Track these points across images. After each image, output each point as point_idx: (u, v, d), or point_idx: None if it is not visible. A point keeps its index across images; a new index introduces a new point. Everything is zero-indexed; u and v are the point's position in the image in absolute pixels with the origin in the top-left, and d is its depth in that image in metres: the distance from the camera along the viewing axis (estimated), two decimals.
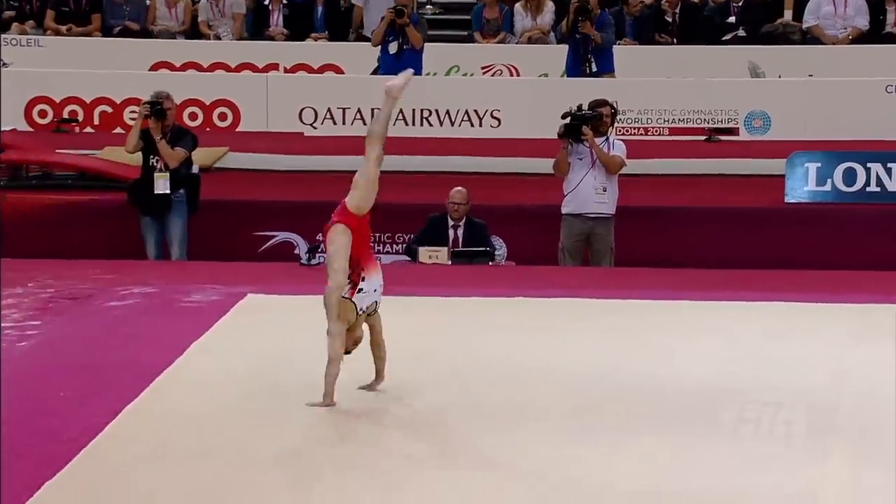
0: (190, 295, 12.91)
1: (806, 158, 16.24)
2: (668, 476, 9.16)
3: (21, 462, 9.21)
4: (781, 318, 12.48)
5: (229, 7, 20.72)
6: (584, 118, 14.86)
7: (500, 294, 13.14)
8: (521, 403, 10.40)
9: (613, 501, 8.75)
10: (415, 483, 9.01)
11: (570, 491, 8.93)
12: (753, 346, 11.74)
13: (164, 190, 14.83)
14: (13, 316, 12.32)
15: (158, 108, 14.86)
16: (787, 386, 10.81)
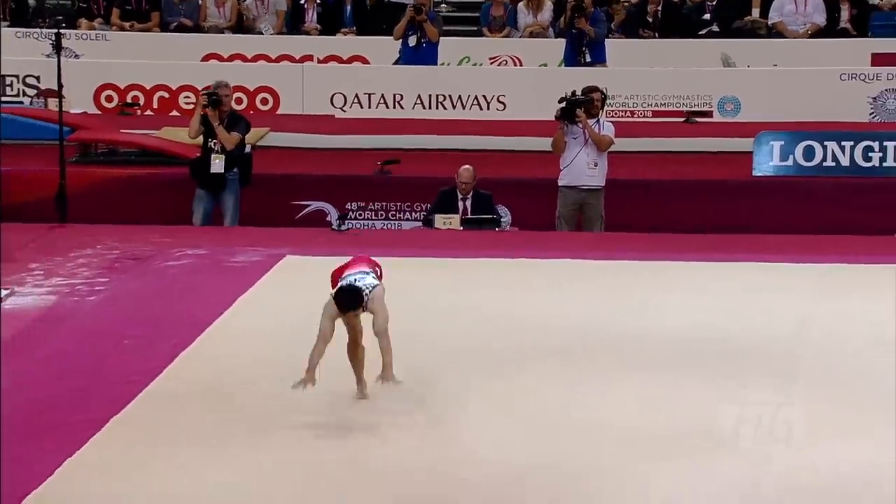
0: (235, 256, 12.90)
1: (771, 137, 16.19)
2: (653, 412, 9.15)
3: (91, 400, 9.22)
4: (750, 277, 12.44)
5: (272, 5, 20.72)
6: (578, 102, 14.83)
7: (505, 256, 13.11)
8: (524, 351, 10.39)
9: (607, 435, 8.73)
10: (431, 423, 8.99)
11: (568, 426, 8.92)
12: (727, 300, 11.70)
13: (219, 170, 14.79)
14: (84, 274, 12.32)
15: (215, 98, 14.85)
16: (757, 335, 10.78)
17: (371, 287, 8.95)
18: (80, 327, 10.89)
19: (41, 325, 10.88)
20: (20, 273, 12.18)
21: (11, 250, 12.92)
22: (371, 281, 9.01)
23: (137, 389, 9.42)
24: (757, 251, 13.18)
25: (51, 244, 13.31)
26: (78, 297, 11.64)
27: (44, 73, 18.29)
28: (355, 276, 9.01)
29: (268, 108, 18.87)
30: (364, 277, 9.02)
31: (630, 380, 9.74)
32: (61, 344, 10.49)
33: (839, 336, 10.79)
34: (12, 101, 18.47)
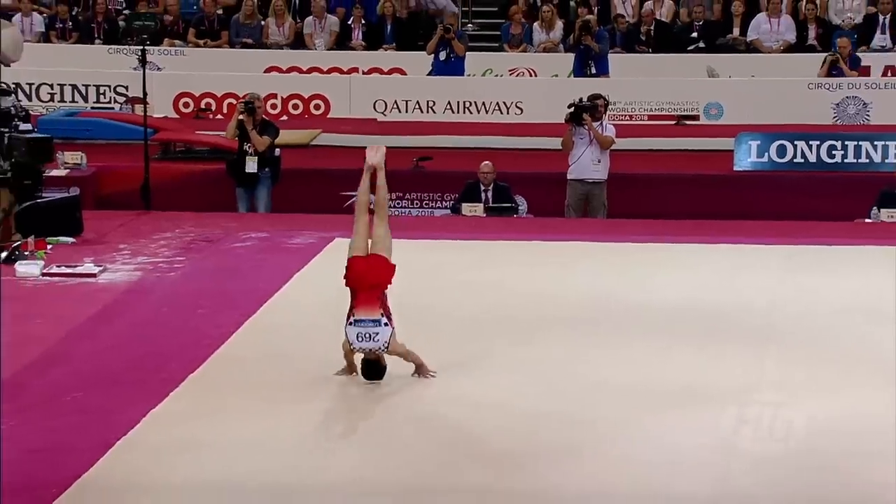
0: (292, 238, 12.87)
1: (749, 138, 16.11)
2: (649, 372, 9.11)
3: (170, 362, 9.21)
4: (732, 257, 12.36)
5: (328, 24, 20.71)
6: (585, 107, 14.77)
7: (522, 238, 13.04)
8: (538, 320, 10.34)
9: (611, 391, 8.69)
10: (458, 380, 8.95)
11: (576, 383, 8.88)
12: (712, 276, 11.64)
13: (253, 169, 14.69)
14: (164, 253, 12.31)
15: (251, 107, 14.75)
16: (737, 306, 10.72)
17: (385, 345, 8.44)
18: (160, 299, 10.88)
19: (128, 297, 10.89)
20: (111, 253, 12.19)
21: (103, 234, 12.94)
22: (383, 336, 8.43)
23: (210, 352, 9.41)
24: (737, 235, 13.10)
25: (136, 229, 13.31)
26: (159, 274, 11.64)
27: (131, 84, 18.30)
28: (368, 333, 8.40)
29: (320, 112, 18.85)
30: (376, 336, 8.41)
31: (629, 344, 9.69)
32: (145, 313, 10.49)
33: (807, 306, 10.72)
34: (105, 107, 18.50)
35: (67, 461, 7.45)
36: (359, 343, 8.43)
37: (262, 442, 7.84)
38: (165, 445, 7.78)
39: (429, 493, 7.23)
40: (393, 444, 7.90)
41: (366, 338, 8.41)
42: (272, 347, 9.56)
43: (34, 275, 11.33)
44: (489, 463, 7.58)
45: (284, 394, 8.46)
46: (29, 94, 18.50)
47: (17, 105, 13.53)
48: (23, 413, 8.21)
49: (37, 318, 10.21)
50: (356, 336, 8.42)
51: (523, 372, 9.09)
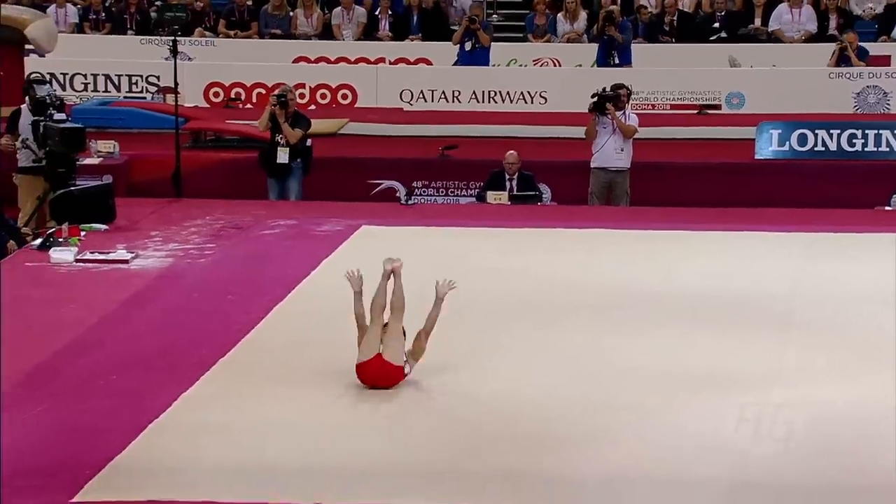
0: (320, 226, 12.87)
1: (770, 126, 16.01)
2: (671, 357, 9.09)
3: (201, 347, 9.24)
4: (753, 243, 12.32)
5: (356, 15, 20.70)
6: (608, 97, 14.71)
7: (545, 226, 13.02)
8: (562, 305, 10.33)
9: (634, 377, 8.68)
10: (482, 366, 8.95)
11: (599, 369, 8.86)
12: (734, 264, 11.60)
13: (284, 160, 14.62)
14: (195, 240, 12.33)
15: (283, 100, 14.66)
16: (758, 292, 10.68)
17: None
18: (191, 285, 10.90)
19: (160, 283, 10.91)
20: (143, 240, 12.22)
21: (136, 221, 12.97)
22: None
23: (239, 337, 9.42)
24: (758, 222, 13.05)
25: (168, 216, 13.34)
26: (190, 260, 11.66)
27: (163, 74, 18.33)
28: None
29: (347, 102, 18.85)
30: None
31: (652, 330, 9.66)
32: (176, 299, 10.52)
33: (828, 293, 10.67)
34: (137, 97, 18.53)
35: (101, 443, 7.48)
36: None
37: (292, 425, 7.86)
38: (196, 428, 7.80)
39: (453, 476, 7.22)
40: (418, 428, 7.90)
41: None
42: (300, 333, 9.57)
43: (68, 261, 11.37)
44: (513, 447, 7.57)
45: (313, 378, 8.47)
46: (63, 83, 18.55)
47: (52, 94, 13.59)
48: (57, 397, 8.24)
49: (70, 303, 10.25)
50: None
51: (547, 358, 9.08)
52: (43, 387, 8.40)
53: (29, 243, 12.06)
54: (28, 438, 7.55)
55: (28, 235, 12.48)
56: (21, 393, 8.27)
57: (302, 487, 7.00)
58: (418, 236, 12.51)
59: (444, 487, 7.05)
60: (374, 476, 7.21)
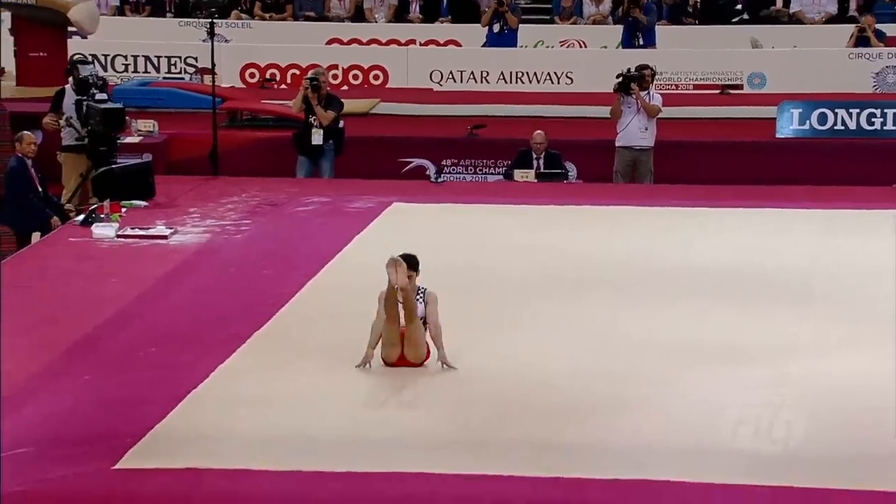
0: (353, 202, 12.90)
1: (791, 106, 15.94)
2: (692, 330, 9.09)
3: (237, 320, 9.29)
4: (773, 220, 12.29)
5: None
6: (633, 77, 14.68)
7: (571, 203, 13.02)
8: (587, 280, 10.34)
9: (655, 350, 8.68)
10: (507, 337, 8.97)
11: (621, 341, 8.87)
12: (755, 239, 11.58)
13: (318, 142, 14.56)
14: (231, 217, 12.38)
15: (316, 83, 14.60)
16: (778, 267, 10.66)
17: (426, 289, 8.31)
18: (227, 260, 10.96)
19: (198, 258, 10.97)
20: (181, 216, 12.28)
21: (174, 198, 13.04)
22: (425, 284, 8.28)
23: (274, 311, 9.47)
24: (778, 199, 13.01)
25: (205, 193, 13.39)
26: (227, 236, 11.71)
27: (200, 55, 18.37)
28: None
29: (379, 82, 18.84)
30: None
31: (673, 304, 9.66)
32: (213, 273, 10.57)
33: (846, 268, 10.64)
34: (176, 78, 18.59)
35: (141, 413, 7.55)
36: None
37: (325, 396, 7.91)
38: (233, 399, 7.86)
39: (480, 447, 7.25)
40: (446, 400, 7.94)
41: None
42: (334, 307, 9.61)
43: (109, 236, 11.44)
44: (536, 418, 7.61)
45: (345, 351, 8.50)
46: (104, 64, 18.62)
47: (94, 74, 13.66)
48: (100, 368, 8.32)
49: (112, 277, 10.32)
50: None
51: (570, 331, 9.09)
52: (85, 358, 8.48)
53: (72, 219, 12.15)
54: (71, 408, 7.64)
55: (71, 212, 12.57)
56: (65, 364, 8.35)
57: (335, 457, 7.05)
58: (447, 213, 12.54)
59: (472, 457, 7.09)
60: (405, 446, 7.26)
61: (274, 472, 6.87)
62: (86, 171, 13.21)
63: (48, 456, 6.97)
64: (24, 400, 7.65)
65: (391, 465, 6.94)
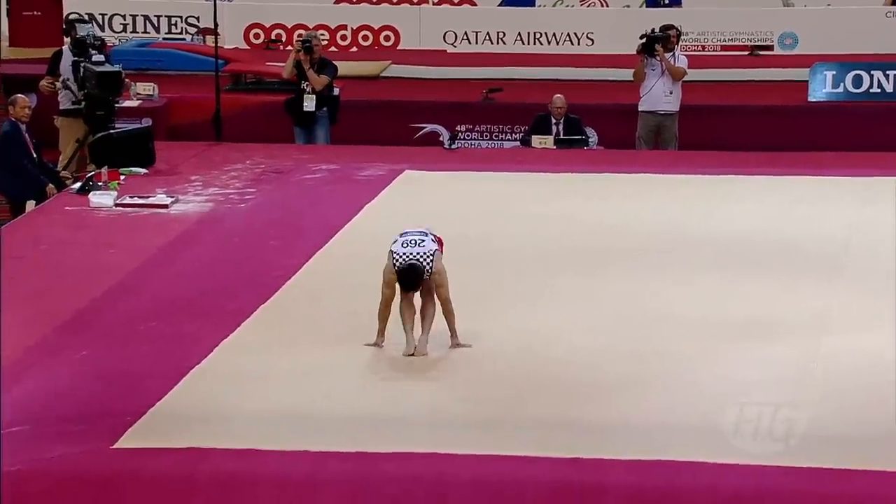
0: (363, 170, 12.91)
1: (825, 68, 15.89)
2: (718, 304, 9.11)
3: (242, 293, 9.32)
4: (804, 188, 12.28)
5: None
6: (657, 38, 14.63)
7: (592, 171, 13.02)
8: (608, 251, 10.35)
9: (679, 324, 8.70)
10: (525, 311, 8.99)
11: (644, 315, 8.90)
12: (784, 208, 11.57)
13: (310, 108, 14.42)
14: (235, 185, 12.41)
15: (308, 45, 14.47)
16: (808, 237, 10.66)
17: (430, 255, 8.14)
18: (232, 230, 10.99)
19: (200, 228, 11.00)
20: (183, 184, 12.30)
21: (175, 164, 13.06)
22: (430, 246, 8.17)
23: (281, 283, 9.50)
24: (810, 166, 12.99)
25: (208, 159, 13.41)
26: (230, 205, 11.74)
27: (202, 14, 18.31)
28: (414, 240, 8.19)
29: (390, 43, 18.80)
30: (423, 242, 8.18)
31: (698, 277, 9.67)
32: (216, 244, 10.61)
33: (882, 238, 10.61)
34: (176, 38, 18.58)
35: (141, 389, 7.60)
36: (403, 250, 8.10)
37: (335, 373, 7.94)
38: (237, 375, 7.90)
39: (496, 425, 7.29)
40: (461, 376, 7.97)
41: (411, 244, 8.14)
42: (343, 278, 9.64)
43: (107, 205, 11.48)
44: (556, 395, 7.64)
45: (355, 325, 8.53)
46: (102, 24, 18.60)
47: (92, 34, 13.65)
48: (98, 342, 8.37)
49: (110, 248, 10.37)
50: (401, 244, 8.13)
51: (590, 304, 9.11)
52: (83, 332, 8.52)
53: (68, 187, 12.19)
54: (69, 384, 7.68)
55: (67, 179, 12.61)
56: (61, 338, 8.40)
57: (344, 436, 7.08)
58: (461, 181, 12.55)
59: (486, 437, 7.12)
60: (416, 425, 7.29)
61: (280, 451, 6.90)
62: (83, 137, 13.24)
63: (45, 434, 7.02)
64: (19, 375, 7.70)
65: (401, 444, 6.97)
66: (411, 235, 8.25)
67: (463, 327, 8.36)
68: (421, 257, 8.13)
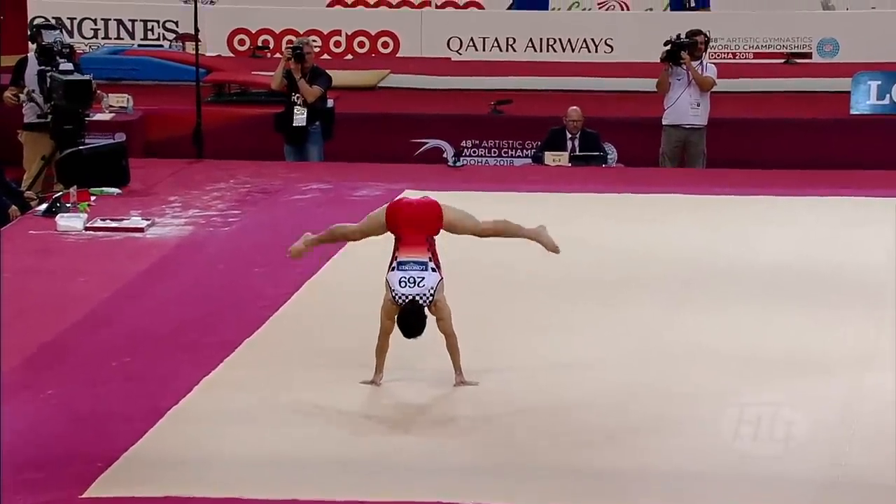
0: (357, 190, 12.95)
1: (868, 77, 15.98)
2: (752, 339, 9.11)
3: (225, 324, 9.34)
4: (845, 210, 12.32)
5: None
6: (683, 45, 14.72)
7: (611, 190, 13.05)
8: (629, 279, 10.37)
9: (708, 360, 8.71)
10: (539, 345, 9.00)
11: (669, 350, 8.90)
12: (824, 232, 11.61)
13: (301, 123, 14.39)
14: (218, 206, 12.44)
15: (299, 52, 14.48)
16: (851, 264, 10.68)
17: (431, 291, 8.08)
18: (214, 256, 11.01)
19: (179, 254, 11.03)
20: (160, 205, 12.34)
21: (152, 184, 13.10)
22: (430, 281, 8.08)
23: (267, 314, 9.52)
24: (852, 186, 13.03)
25: (188, 178, 13.46)
26: (212, 228, 11.77)
27: (182, 19, 18.44)
28: (412, 277, 8.08)
29: (388, 51, 18.89)
30: (422, 280, 8.08)
31: (729, 308, 9.69)
32: (197, 271, 10.63)
33: None
34: (153, 45, 18.66)
35: (114, 432, 7.60)
36: (401, 289, 8.03)
37: (323, 414, 7.95)
38: (219, 415, 7.91)
39: (510, 472, 7.27)
40: (464, 419, 7.97)
41: (409, 282, 8.05)
42: (334, 309, 9.65)
43: (77, 229, 11.51)
44: (572, 439, 7.63)
45: (347, 361, 8.54)
46: (71, 29, 18.70)
47: (60, 41, 13.71)
48: (67, 379, 8.37)
49: (80, 276, 10.39)
50: (398, 281, 8.04)
51: (609, 338, 9.12)
52: (49, 369, 8.53)
53: (33, 209, 12.22)
54: (34, 427, 7.68)
55: (33, 200, 12.64)
56: (26, 376, 8.40)
57: (336, 484, 7.08)
58: (467, 202, 12.49)
59: (496, 484, 7.11)
60: (417, 471, 7.29)
61: (265, 501, 6.88)
62: (49, 154, 13.28)
63: (7, 483, 7.01)
64: None
65: (399, 493, 6.95)
66: (408, 269, 8.11)
67: (468, 363, 8.36)
68: (421, 298, 8.08)
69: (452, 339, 8.24)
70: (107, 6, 19.21)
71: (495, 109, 15.93)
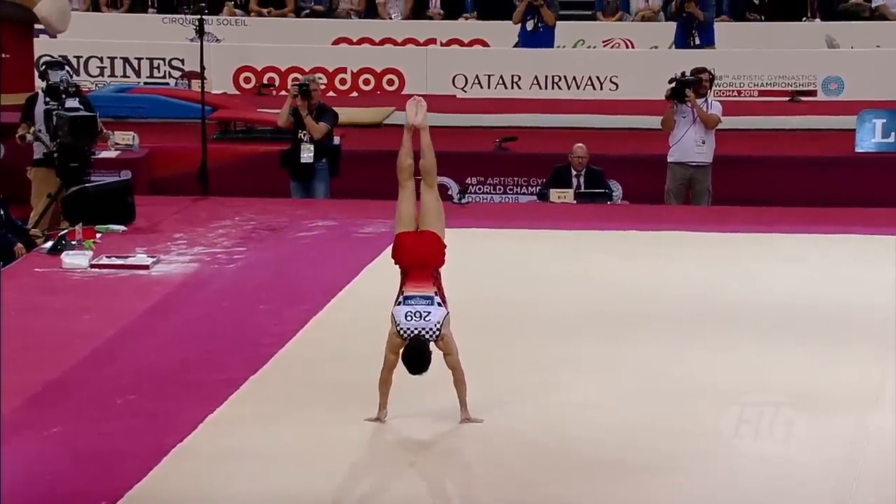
0: (363, 227, 12.95)
1: (873, 115, 15.98)
2: (755, 377, 9.10)
3: (230, 361, 9.33)
4: (851, 248, 12.31)
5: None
6: (688, 83, 14.75)
7: (616, 228, 13.05)
8: (635, 316, 10.36)
9: (714, 398, 8.68)
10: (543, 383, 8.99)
11: (674, 389, 8.88)
12: (829, 270, 11.59)
13: (308, 160, 14.42)
14: (223, 243, 12.45)
15: (305, 89, 14.49)
16: (855, 304, 10.66)
17: (438, 326, 8.08)
18: (219, 293, 11.01)
19: (184, 291, 11.03)
20: (165, 242, 12.35)
21: (157, 221, 13.11)
22: (436, 316, 8.10)
23: (272, 352, 9.51)
24: (858, 224, 13.02)
25: (193, 215, 13.47)
26: (217, 265, 11.78)
27: (188, 57, 18.51)
28: (419, 311, 8.11)
29: (394, 88, 18.94)
30: (427, 312, 8.09)
31: (734, 346, 9.68)
32: (202, 308, 10.63)
33: None
34: (159, 83, 18.72)
35: (118, 469, 7.59)
36: (406, 322, 8.04)
37: (330, 451, 7.93)
38: (224, 453, 7.89)
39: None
40: (470, 458, 7.95)
41: (415, 316, 8.05)
42: (340, 347, 9.65)
43: (82, 266, 11.52)
44: (577, 477, 7.62)
45: (353, 399, 8.52)
46: (77, 67, 18.77)
47: (66, 79, 13.74)
48: (71, 417, 8.37)
49: (85, 313, 10.39)
50: (404, 315, 8.05)
51: (614, 375, 9.11)
52: (54, 407, 8.53)
53: (39, 246, 12.23)
54: (37, 465, 7.67)
55: (38, 237, 12.66)
56: (30, 414, 8.39)
57: None
58: (472, 239, 12.56)
59: None
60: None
61: None
62: (55, 191, 13.30)
63: None
64: None
65: None
66: (414, 304, 8.11)
67: (474, 399, 8.35)
68: (427, 332, 8.08)
69: (459, 374, 8.22)
70: (113, 44, 19.29)
71: (500, 146, 15.96)
